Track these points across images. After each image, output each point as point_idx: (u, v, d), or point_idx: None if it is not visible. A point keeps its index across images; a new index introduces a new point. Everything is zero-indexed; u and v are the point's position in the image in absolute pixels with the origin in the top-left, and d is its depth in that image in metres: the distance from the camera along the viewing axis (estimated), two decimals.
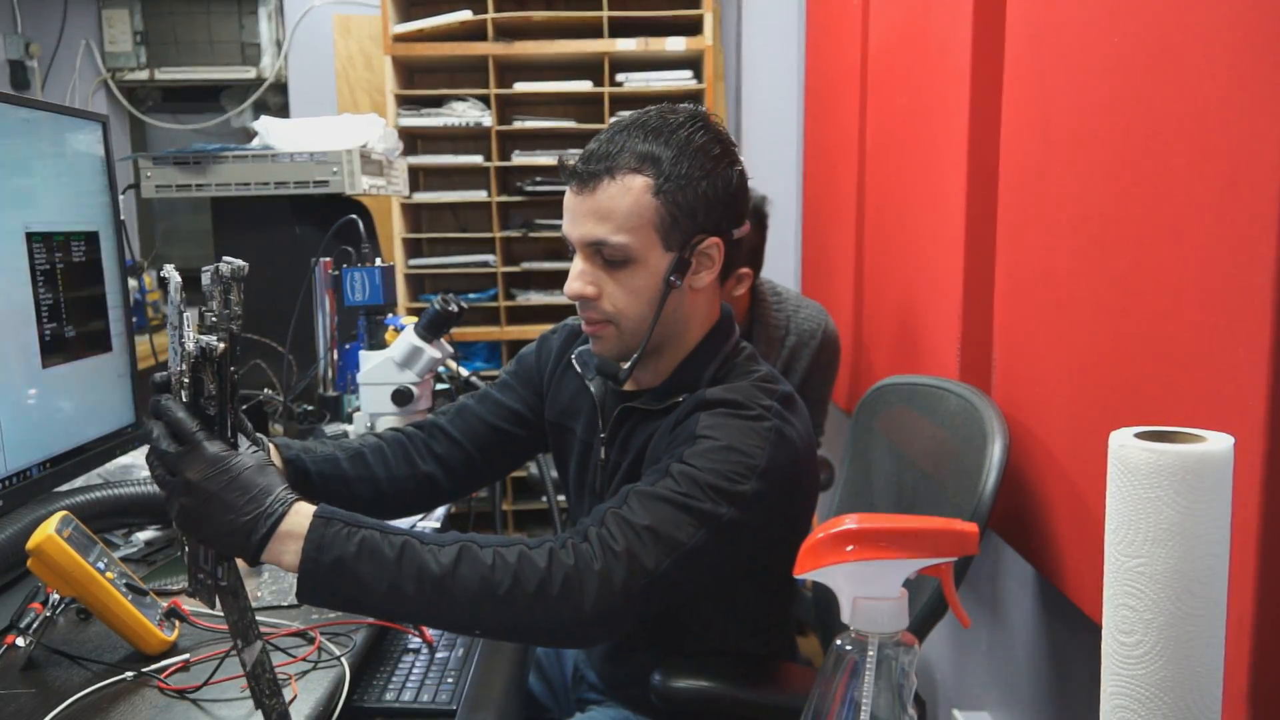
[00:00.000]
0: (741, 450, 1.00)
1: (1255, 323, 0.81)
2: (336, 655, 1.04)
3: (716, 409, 1.05)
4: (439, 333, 1.55)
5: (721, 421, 1.03)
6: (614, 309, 1.08)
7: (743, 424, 1.03)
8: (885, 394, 1.51)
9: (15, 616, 1.01)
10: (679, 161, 1.04)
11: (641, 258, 1.06)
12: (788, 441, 1.04)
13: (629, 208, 1.04)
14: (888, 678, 0.56)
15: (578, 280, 1.08)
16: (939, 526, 0.58)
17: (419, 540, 0.91)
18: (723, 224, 1.08)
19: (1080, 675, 1.31)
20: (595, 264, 1.08)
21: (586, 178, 1.07)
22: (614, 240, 1.05)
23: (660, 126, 1.07)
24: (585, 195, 1.07)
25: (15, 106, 1.29)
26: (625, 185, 1.05)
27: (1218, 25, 0.88)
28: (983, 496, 1.15)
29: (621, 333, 1.09)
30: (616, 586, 0.93)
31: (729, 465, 0.99)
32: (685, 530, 0.96)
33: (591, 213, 1.06)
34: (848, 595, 0.58)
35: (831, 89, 2.53)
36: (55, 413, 1.32)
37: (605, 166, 1.06)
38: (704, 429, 1.02)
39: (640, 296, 1.07)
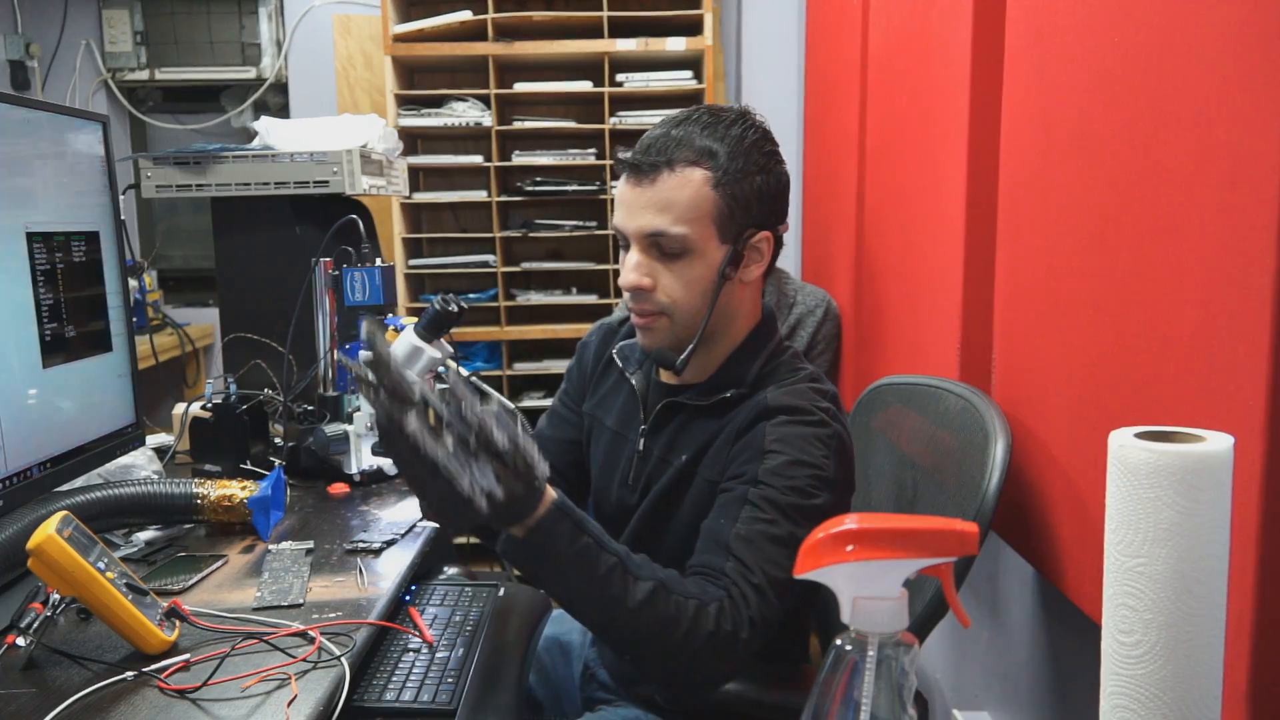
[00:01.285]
0: (811, 464, 1.05)
1: (1255, 323, 0.81)
2: (336, 655, 1.04)
3: (778, 416, 1.07)
4: (439, 333, 1.55)
5: (787, 432, 1.06)
6: (669, 300, 1.10)
7: (806, 431, 1.06)
8: (883, 393, 1.51)
9: (15, 616, 1.01)
10: (735, 157, 1.07)
11: (699, 249, 1.08)
12: (846, 447, 1.10)
13: (689, 199, 1.06)
14: (888, 678, 0.56)
15: (634, 272, 1.09)
16: (939, 526, 0.58)
17: (624, 566, 0.95)
18: (772, 219, 1.12)
19: (1080, 675, 1.31)
20: (651, 255, 1.09)
21: (646, 169, 1.08)
22: (674, 230, 1.07)
23: (714, 123, 1.09)
24: (644, 187, 1.08)
25: (15, 106, 1.29)
26: (685, 177, 1.07)
27: (1218, 25, 0.88)
28: (986, 495, 1.16)
29: (674, 324, 1.12)
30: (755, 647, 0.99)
31: (802, 480, 1.04)
32: (785, 565, 0.99)
33: (651, 204, 1.07)
34: (848, 595, 0.58)
35: (831, 89, 2.53)
36: (55, 413, 1.32)
37: (665, 159, 1.07)
38: (772, 443, 1.06)
39: (695, 287, 1.09)
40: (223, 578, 1.26)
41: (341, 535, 1.41)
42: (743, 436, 1.09)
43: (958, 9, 1.51)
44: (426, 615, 1.32)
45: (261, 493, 1.39)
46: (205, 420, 1.69)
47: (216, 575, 1.27)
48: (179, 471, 1.72)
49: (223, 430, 1.65)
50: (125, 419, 1.49)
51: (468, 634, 1.30)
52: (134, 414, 1.51)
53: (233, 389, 1.70)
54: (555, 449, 1.32)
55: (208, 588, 1.23)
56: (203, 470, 1.64)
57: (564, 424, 1.34)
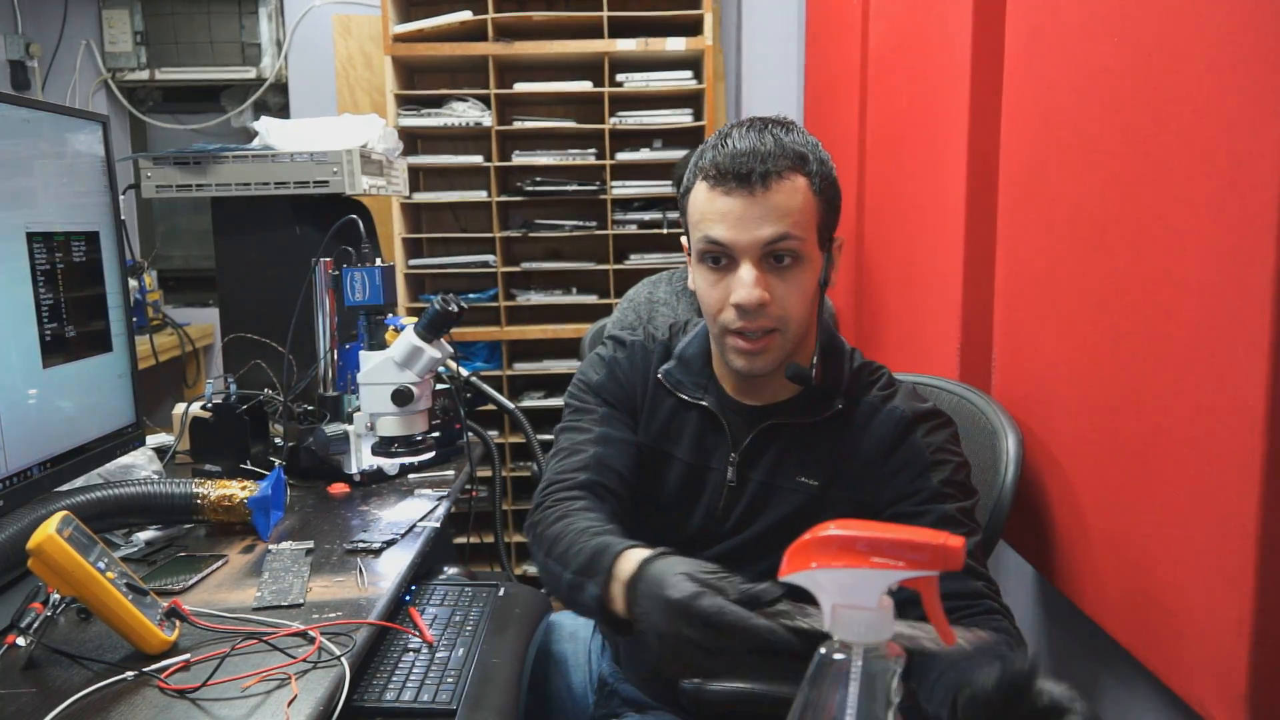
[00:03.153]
0: (966, 463, 1.09)
1: (1255, 323, 0.81)
2: (336, 655, 1.03)
3: (921, 427, 1.09)
4: (439, 333, 1.55)
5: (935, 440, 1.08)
6: (783, 312, 1.04)
7: (946, 434, 1.10)
8: None
9: (16, 616, 1.01)
10: (820, 162, 1.06)
11: (809, 256, 1.05)
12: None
13: (800, 205, 1.03)
14: (870, 689, 0.56)
15: (756, 288, 1.02)
16: (923, 539, 0.56)
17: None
18: (837, 223, 1.10)
19: (1080, 675, 1.31)
20: (764, 268, 1.03)
21: (761, 177, 1.01)
22: (795, 233, 1.02)
23: (789, 129, 1.06)
24: (758, 196, 1.01)
25: (15, 106, 1.29)
26: (794, 184, 1.03)
27: (1218, 25, 0.88)
28: (1004, 488, 1.17)
29: (784, 339, 1.06)
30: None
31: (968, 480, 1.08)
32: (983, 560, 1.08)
33: (769, 213, 1.02)
34: (828, 602, 0.57)
35: (831, 89, 2.53)
36: (55, 413, 1.32)
37: (772, 167, 1.02)
38: (935, 451, 1.08)
39: (806, 297, 1.06)
40: (223, 578, 1.26)
41: (341, 535, 1.41)
42: (895, 452, 1.08)
43: (958, 9, 1.51)
44: (426, 615, 1.32)
45: (261, 493, 1.39)
46: (205, 420, 1.69)
47: (216, 575, 1.27)
48: (179, 471, 1.72)
49: (223, 430, 1.65)
50: (125, 419, 1.49)
51: (468, 634, 1.30)
52: (134, 414, 1.51)
53: (233, 389, 1.70)
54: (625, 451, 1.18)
55: (208, 588, 1.23)
56: (203, 470, 1.64)
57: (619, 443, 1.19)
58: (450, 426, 1.78)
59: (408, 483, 1.67)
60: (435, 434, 1.72)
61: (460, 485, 1.68)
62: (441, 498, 1.58)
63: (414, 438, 1.61)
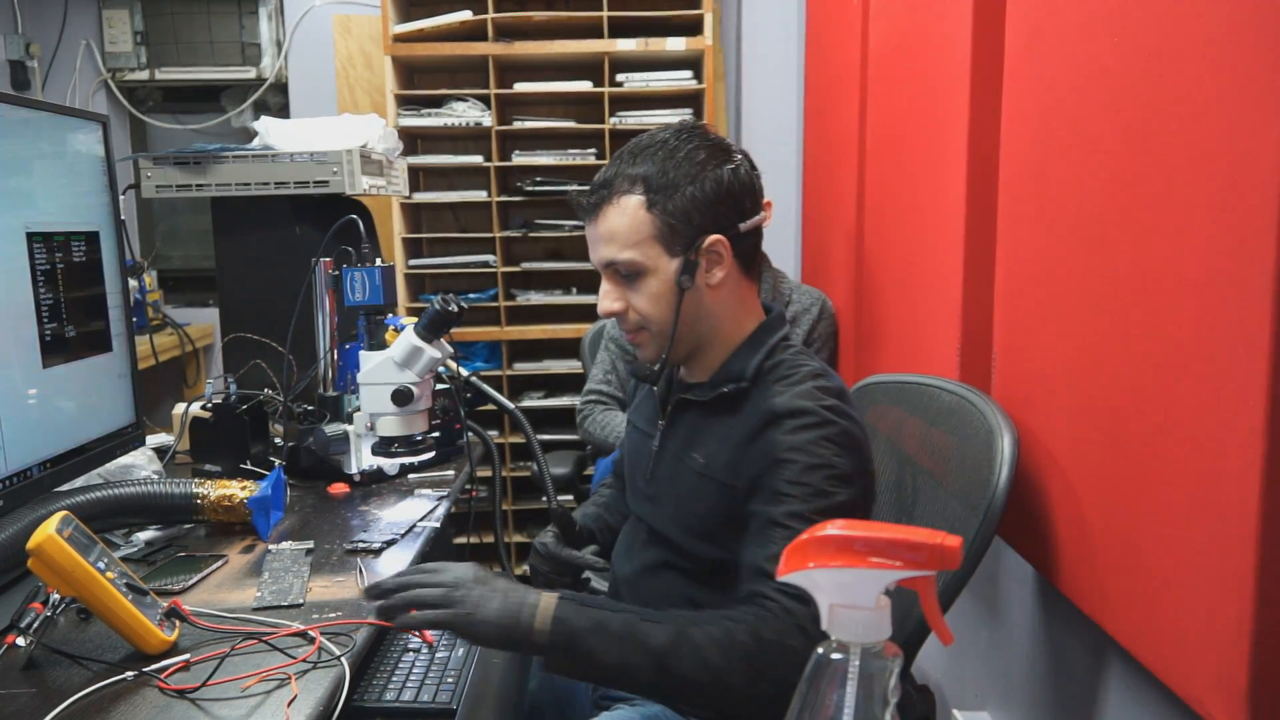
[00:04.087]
0: (824, 464, 1.07)
1: (1255, 323, 0.81)
2: (336, 655, 1.03)
3: (785, 423, 1.10)
4: (439, 333, 1.55)
5: (796, 439, 1.09)
6: (640, 316, 1.18)
7: (814, 434, 1.09)
8: (871, 391, 1.51)
9: (15, 616, 1.01)
10: (664, 174, 1.14)
11: (650, 267, 1.15)
12: (857, 440, 1.11)
13: (628, 225, 1.15)
14: (868, 689, 0.56)
15: (605, 299, 1.20)
16: (921, 539, 0.56)
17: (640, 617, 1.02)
18: (723, 221, 1.15)
19: (1080, 675, 1.31)
20: (616, 282, 1.19)
21: (590, 208, 1.18)
22: (622, 257, 1.15)
23: (648, 145, 1.17)
24: (593, 223, 1.18)
25: (15, 106, 1.29)
26: (621, 207, 1.15)
27: (1218, 25, 0.88)
28: (996, 491, 1.16)
29: (655, 336, 1.20)
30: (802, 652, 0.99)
31: (819, 482, 1.06)
32: None
33: (601, 238, 1.17)
34: (825, 602, 0.57)
35: (831, 89, 2.53)
36: (55, 413, 1.32)
37: (604, 194, 1.16)
38: (785, 452, 1.08)
39: (659, 302, 1.17)
40: (223, 578, 1.26)
41: (341, 535, 1.41)
42: (754, 442, 1.12)
43: (958, 9, 1.51)
44: None
45: (261, 493, 1.39)
46: (205, 420, 1.69)
47: (216, 575, 1.27)
48: (179, 471, 1.72)
49: (223, 430, 1.65)
50: (125, 419, 1.49)
51: None
52: (134, 414, 1.51)
53: (233, 389, 1.70)
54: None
55: (208, 588, 1.23)
56: (203, 470, 1.64)
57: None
58: (450, 426, 1.78)
59: (408, 483, 1.68)
60: (435, 434, 1.72)
61: (460, 485, 1.68)
62: (441, 498, 1.58)
63: (414, 438, 1.61)
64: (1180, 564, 0.95)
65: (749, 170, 1.19)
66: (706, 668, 0.99)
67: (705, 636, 1.00)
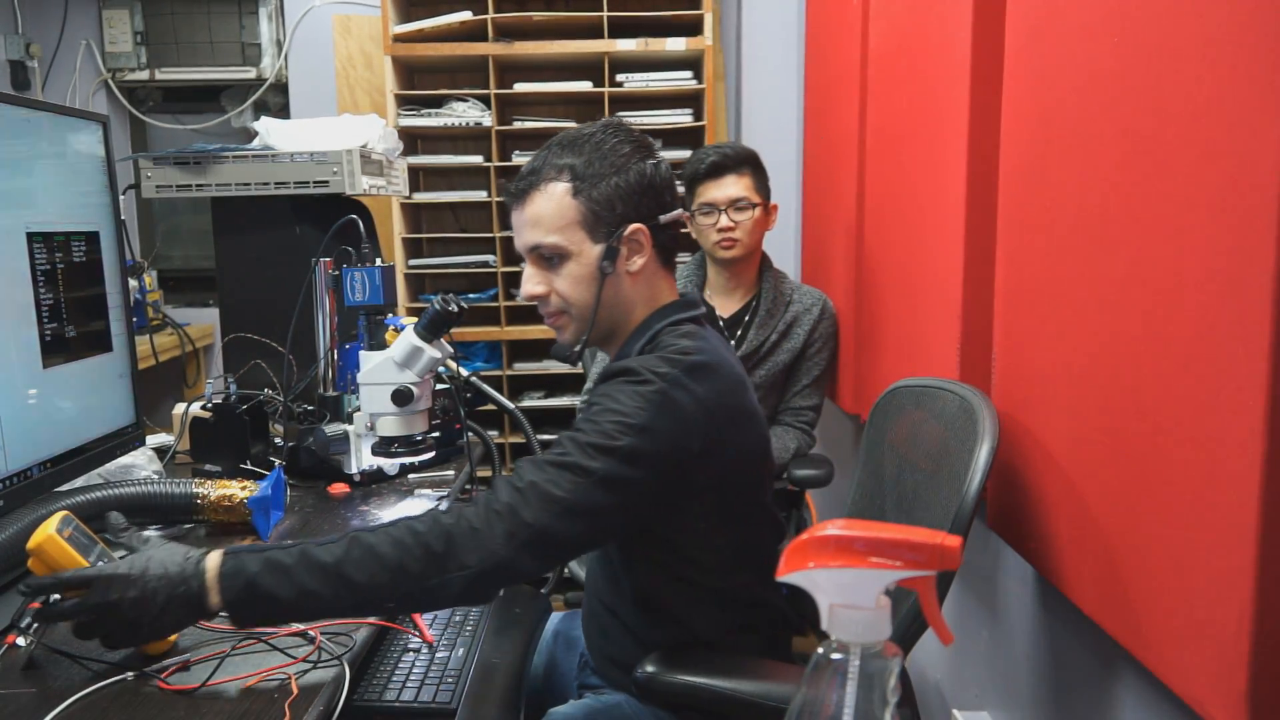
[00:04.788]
0: (620, 411, 1.09)
1: (1255, 323, 0.81)
2: (336, 655, 1.04)
3: (612, 379, 1.14)
4: (439, 333, 1.55)
5: (611, 390, 1.12)
6: (561, 300, 1.22)
7: (629, 389, 1.11)
8: (898, 396, 1.50)
9: (16, 616, 1.01)
10: (591, 164, 1.19)
11: (574, 252, 1.20)
12: (674, 403, 1.10)
13: (554, 211, 1.20)
14: (868, 688, 0.56)
15: (528, 283, 1.24)
16: (919, 538, 0.56)
17: (313, 543, 1.03)
18: (644, 211, 1.21)
19: (1080, 675, 1.31)
20: (540, 265, 1.23)
21: (518, 194, 1.22)
22: (547, 240, 1.20)
23: (575, 139, 1.22)
24: (520, 209, 1.22)
25: (15, 106, 1.29)
26: (548, 193, 1.20)
27: (1218, 25, 0.88)
28: (965, 501, 1.15)
29: (575, 320, 1.24)
30: (499, 538, 1.03)
31: (608, 424, 1.08)
32: (563, 486, 1.05)
33: (527, 222, 1.22)
34: (825, 602, 0.57)
35: (831, 89, 2.53)
36: (55, 413, 1.32)
37: (532, 181, 1.21)
38: (596, 399, 1.13)
39: (581, 285, 1.21)
40: None
41: None
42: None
43: (958, 9, 1.51)
44: (427, 615, 1.32)
45: (261, 493, 1.40)
46: (205, 420, 1.69)
47: None
48: (179, 471, 1.72)
49: (223, 430, 1.65)
50: (125, 419, 1.49)
51: (468, 634, 1.30)
52: (134, 414, 1.51)
53: (233, 389, 1.70)
54: None
55: None
56: (203, 470, 1.64)
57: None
58: (450, 426, 1.78)
59: (408, 483, 1.68)
60: (435, 434, 1.71)
61: (460, 485, 1.68)
62: (441, 498, 1.58)
63: (414, 438, 1.61)
64: (1180, 564, 0.95)
65: (668, 169, 1.25)
66: (383, 565, 1.00)
67: (379, 536, 1.02)
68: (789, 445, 2.23)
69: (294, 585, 0.99)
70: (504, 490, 1.06)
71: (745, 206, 2.17)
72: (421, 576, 1.01)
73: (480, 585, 1.04)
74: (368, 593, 1.01)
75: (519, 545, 1.03)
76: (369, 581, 1.00)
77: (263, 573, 0.99)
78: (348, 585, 1.00)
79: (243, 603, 0.99)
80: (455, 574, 1.01)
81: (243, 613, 1.00)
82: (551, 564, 1.10)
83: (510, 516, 1.04)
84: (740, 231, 2.17)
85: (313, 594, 1.00)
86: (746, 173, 2.19)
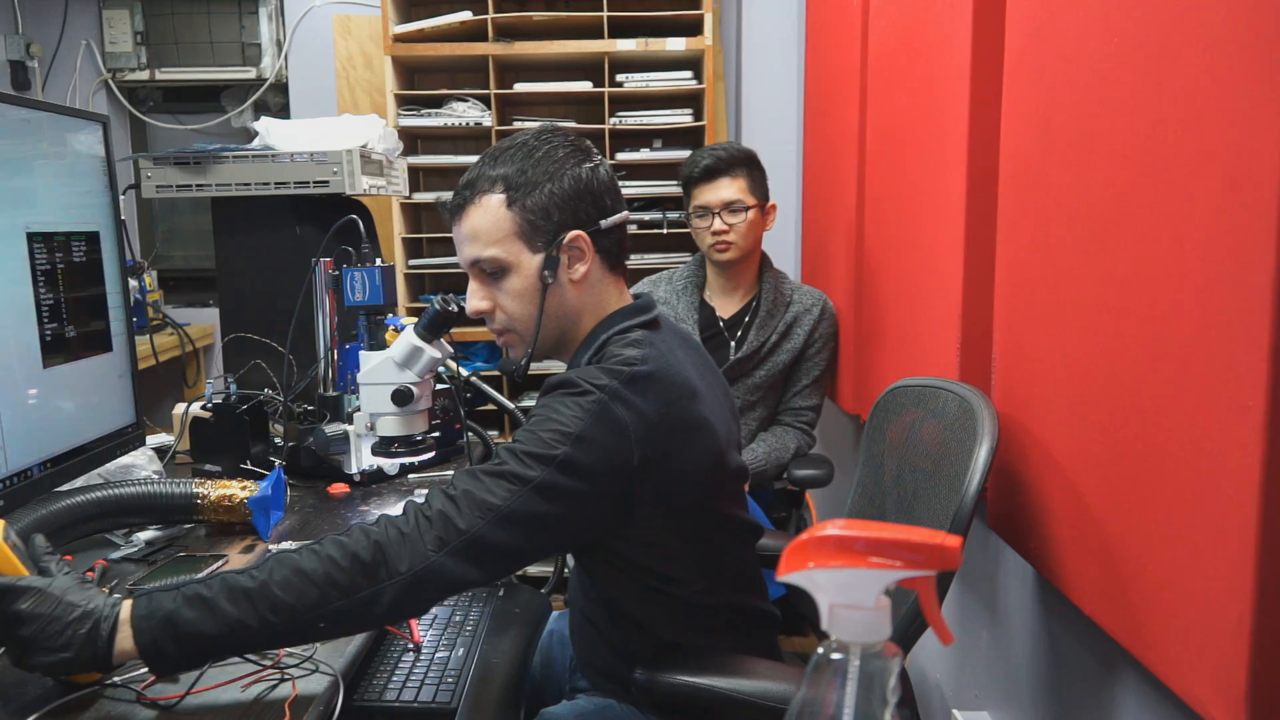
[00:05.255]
0: (557, 420, 1.07)
1: (1255, 323, 0.81)
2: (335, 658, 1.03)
3: (553, 391, 1.12)
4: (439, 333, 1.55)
5: (550, 401, 1.10)
6: (507, 316, 1.20)
7: (568, 399, 1.09)
8: (898, 396, 1.50)
9: None
10: (524, 172, 1.16)
11: (514, 264, 1.17)
12: (612, 415, 1.07)
13: (490, 223, 1.16)
14: (868, 688, 0.55)
15: (473, 298, 1.21)
16: (919, 538, 0.56)
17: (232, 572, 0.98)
18: (583, 217, 1.17)
19: (1080, 675, 1.31)
20: (483, 280, 1.20)
21: (454, 209, 1.20)
22: (485, 254, 1.17)
23: (508, 148, 1.19)
24: (457, 224, 1.19)
25: (16, 106, 1.29)
26: (483, 206, 1.16)
27: (1218, 25, 0.88)
28: (964, 501, 1.15)
29: (521, 336, 1.21)
30: (429, 545, 1.00)
31: (544, 433, 1.06)
32: (499, 494, 1.03)
33: (465, 237, 1.18)
34: (825, 602, 0.57)
35: (831, 89, 2.53)
36: (56, 413, 1.32)
37: (466, 195, 1.18)
38: (536, 409, 1.11)
39: (524, 298, 1.18)
40: None
41: None
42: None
43: (958, 9, 1.51)
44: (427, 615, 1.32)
45: (261, 493, 1.40)
46: (205, 420, 1.69)
47: None
48: (179, 471, 1.72)
49: (223, 430, 1.65)
50: (125, 419, 1.49)
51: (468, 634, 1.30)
52: (134, 414, 1.51)
53: (233, 389, 1.70)
54: None
55: None
56: (203, 470, 1.64)
57: None
58: (450, 426, 1.78)
59: (408, 483, 1.68)
60: (435, 434, 1.72)
61: None
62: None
63: (414, 438, 1.61)
64: (1180, 564, 0.95)
65: (609, 171, 1.21)
66: (310, 581, 0.96)
67: (302, 554, 0.98)
68: (789, 445, 2.23)
69: (217, 617, 0.93)
70: (436, 498, 1.04)
71: (739, 209, 2.17)
72: (351, 589, 0.96)
73: (413, 594, 1.00)
74: (297, 614, 0.95)
75: (451, 552, 1.00)
76: (296, 601, 0.95)
77: (181, 608, 0.93)
78: (275, 608, 0.94)
79: (160, 643, 0.92)
80: (386, 583, 0.98)
81: (161, 656, 0.93)
82: (490, 573, 1.04)
83: (442, 523, 1.01)
84: (735, 234, 2.17)
85: (239, 624, 0.93)
86: (741, 174, 2.18)
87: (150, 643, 0.92)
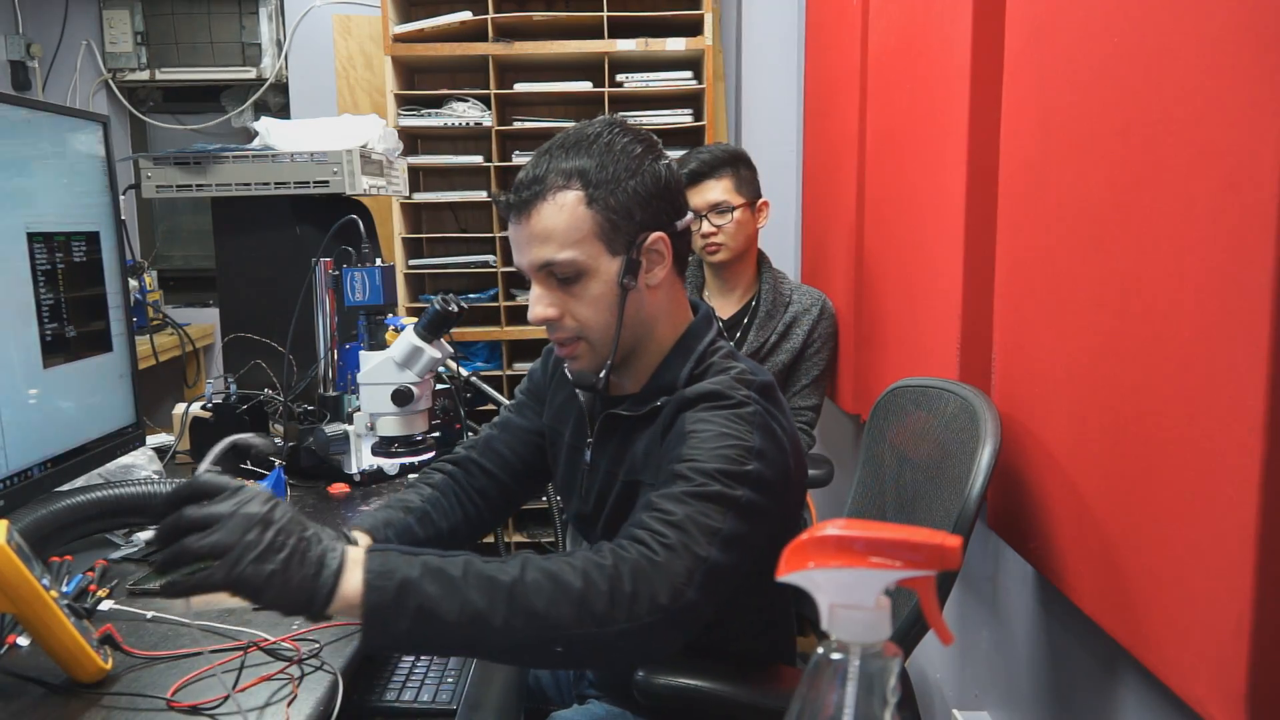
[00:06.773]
0: (734, 435, 1.00)
1: (1255, 323, 0.81)
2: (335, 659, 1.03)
3: (699, 405, 1.05)
4: (439, 333, 1.55)
5: (706, 415, 1.03)
6: (578, 324, 1.09)
7: (727, 412, 1.03)
8: (898, 396, 1.51)
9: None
10: (604, 167, 1.05)
11: (592, 268, 1.07)
12: (770, 426, 1.04)
13: (567, 223, 1.05)
14: (868, 689, 0.55)
15: (538, 305, 1.10)
16: (920, 539, 0.56)
17: (479, 558, 0.89)
18: (663, 218, 1.09)
19: (1080, 675, 1.31)
20: (550, 285, 1.09)
21: (521, 206, 1.07)
22: (560, 258, 1.06)
23: (579, 140, 1.08)
24: (524, 223, 1.08)
25: (16, 106, 1.29)
26: (558, 203, 1.05)
27: (1217, 25, 0.88)
28: (968, 503, 1.15)
29: (592, 345, 1.11)
30: (683, 576, 0.91)
31: (727, 449, 0.99)
32: (715, 516, 0.95)
33: (534, 237, 1.07)
34: (825, 602, 0.57)
35: (831, 89, 2.53)
36: (56, 413, 1.32)
37: (536, 190, 1.06)
38: (692, 425, 1.02)
39: (600, 305, 1.08)
40: None
41: None
42: (666, 436, 1.07)
43: (958, 9, 1.51)
44: None
45: None
46: (205, 420, 1.69)
47: None
48: (179, 471, 1.72)
49: (223, 430, 1.65)
50: (125, 419, 1.49)
51: None
52: (134, 414, 1.51)
53: (233, 389, 1.70)
54: (501, 450, 1.31)
55: None
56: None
57: (513, 429, 1.33)
58: (450, 426, 1.78)
59: (408, 483, 1.67)
60: (435, 434, 1.72)
61: None
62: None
63: (414, 438, 1.61)
64: (1180, 564, 0.95)
65: (678, 169, 1.14)
66: (568, 594, 0.86)
67: (554, 561, 0.89)
68: None
69: (463, 602, 0.82)
70: (662, 525, 0.93)
71: (725, 210, 2.17)
72: (607, 619, 0.86)
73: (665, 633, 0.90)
74: (544, 626, 0.85)
75: (700, 582, 0.91)
76: (548, 610, 0.84)
77: (423, 580, 0.83)
78: (524, 612, 0.84)
79: (389, 611, 0.82)
80: (644, 610, 0.87)
81: (385, 625, 0.82)
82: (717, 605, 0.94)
83: (685, 552, 0.91)
84: (724, 235, 2.17)
85: (480, 618, 0.83)
86: (726, 175, 2.18)
87: (379, 605, 0.82)
